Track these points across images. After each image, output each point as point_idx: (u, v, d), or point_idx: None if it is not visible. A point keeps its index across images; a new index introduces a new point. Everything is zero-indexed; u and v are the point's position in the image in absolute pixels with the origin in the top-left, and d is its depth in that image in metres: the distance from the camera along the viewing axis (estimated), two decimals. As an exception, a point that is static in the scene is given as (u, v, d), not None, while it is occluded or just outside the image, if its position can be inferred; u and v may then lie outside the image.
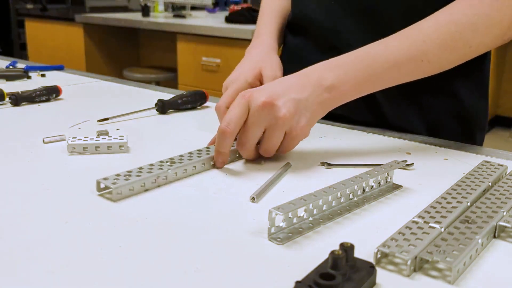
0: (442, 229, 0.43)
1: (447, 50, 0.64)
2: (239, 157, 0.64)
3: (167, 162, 0.57)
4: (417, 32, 0.65)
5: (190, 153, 0.60)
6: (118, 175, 0.53)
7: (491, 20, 0.64)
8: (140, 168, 0.55)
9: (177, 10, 3.41)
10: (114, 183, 0.51)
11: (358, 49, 0.65)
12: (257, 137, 0.60)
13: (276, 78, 0.71)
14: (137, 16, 3.26)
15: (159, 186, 0.55)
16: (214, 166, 0.61)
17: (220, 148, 0.60)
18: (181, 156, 0.59)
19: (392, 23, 0.69)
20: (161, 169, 0.55)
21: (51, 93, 0.92)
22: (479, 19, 0.64)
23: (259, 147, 0.62)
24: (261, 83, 0.72)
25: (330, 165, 0.62)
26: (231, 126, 0.58)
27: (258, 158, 0.63)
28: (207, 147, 0.62)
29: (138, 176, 0.53)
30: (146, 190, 0.53)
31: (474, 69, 0.77)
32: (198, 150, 0.61)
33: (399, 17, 0.73)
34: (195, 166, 0.59)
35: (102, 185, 0.52)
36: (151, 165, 0.56)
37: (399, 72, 0.64)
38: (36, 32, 3.59)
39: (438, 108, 0.79)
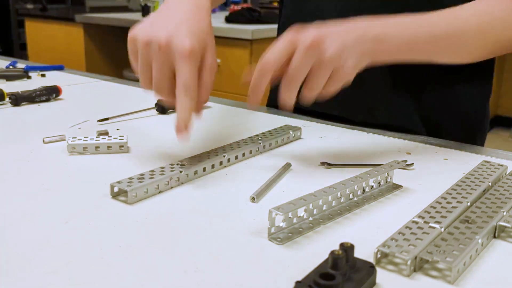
0: (442, 229, 0.43)
1: (481, 39, 0.66)
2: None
3: (178, 164, 0.57)
4: (457, 13, 0.66)
5: (199, 155, 0.60)
6: (131, 178, 0.52)
7: None
8: (152, 171, 0.55)
9: (177, 10, 3.40)
10: (128, 186, 0.51)
11: (398, 16, 0.65)
12: (303, 77, 0.57)
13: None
14: (137, 16, 3.25)
15: (171, 188, 0.55)
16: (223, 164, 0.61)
17: (257, 86, 0.56)
18: (191, 158, 0.59)
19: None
20: (173, 171, 0.55)
21: (51, 93, 0.92)
22: (509, 15, 0.66)
23: (302, 88, 0.59)
24: None
25: (330, 165, 0.62)
26: (273, 61, 0.56)
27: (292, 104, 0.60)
28: (214, 149, 0.62)
29: (151, 178, 0.53)
30: (160, 192, 0.53)
31: (479, 73, 0.77)
32: (207, 152, 0.61)
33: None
34: (204, 168, 0.59)
35: (116, 189, 0.52)
36: (162, 167, 0.56)
37: (437, 47, 0.65)
38: (36, 32, 3.59)
39: (440, 109, 0.79)
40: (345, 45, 0.58)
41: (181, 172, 0.55)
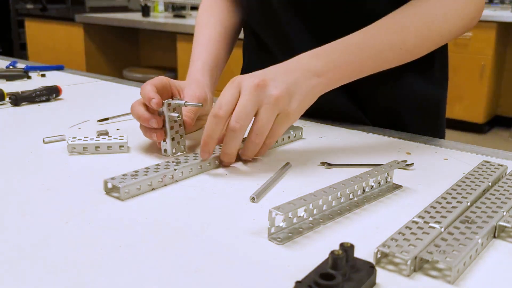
0: (442, 229, 0.43)
1: (423, 39, 0.69)
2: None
3: (173, 162, 0.57)
4: (394, 22, 0.68)
5: (195, 153, 0.60)
6: (125, 174, 0.53)
7: (459, 12, 0.70)
8: (147, 168, 0.55)
9: (177, 10, 3.42)
10: (121, 182, 0.51)
11: (340, 39, 0.66)
12: (249, 118, 0.57)
13: (196, 97, 0.68)
14: (137, 16, 3.26)
15: (165, 185, 0.55)
16: (219, 166, 0.61)
17: (213, 135, 0.57)
18: (187, 156, 0.59)
19: (339, 27, 0.70)
20: (167, 168, 0.55)
21: (51, 93, 0.92)
22: (449, 11, 0.69)
23: (249, 132, 0.59)
24: (177, 94, 0.69)
25: (330, 165, 0.62)
26: (224, 109, 0.57)
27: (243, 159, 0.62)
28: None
29: (145, 175, 0.53)
30: (153, 189, 0.54)
31: (423, 61, 0.78)
32: None
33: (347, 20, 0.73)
34: (200, 166, 0.59)
35: (109, 185, 0.52)
36: (157, 165, 0.56)
37: (381, 59, 0.68)
38: (36, 32, 3.59)
39: (395, 100, 0.81)
40: (289, 85, 0.59)
41: (175, 170, 0.55)
